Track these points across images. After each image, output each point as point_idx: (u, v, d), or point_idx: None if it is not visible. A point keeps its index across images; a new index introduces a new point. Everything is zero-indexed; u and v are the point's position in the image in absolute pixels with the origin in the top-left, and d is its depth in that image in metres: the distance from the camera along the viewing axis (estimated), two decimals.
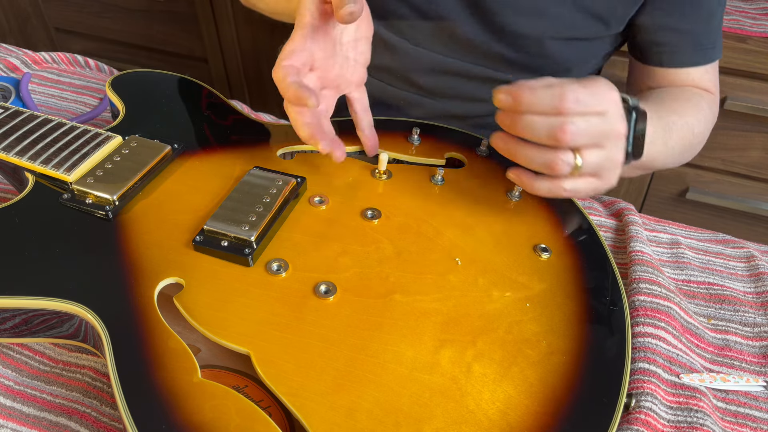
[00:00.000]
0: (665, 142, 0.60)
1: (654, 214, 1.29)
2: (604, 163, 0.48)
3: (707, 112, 0.68)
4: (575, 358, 0.43)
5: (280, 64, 0.48)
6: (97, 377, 0.47)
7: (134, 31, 1.59)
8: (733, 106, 1.08)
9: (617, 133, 0.48)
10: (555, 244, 0.51)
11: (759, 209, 1.21)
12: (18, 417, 0.45)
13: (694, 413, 0.45)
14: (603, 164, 0.48)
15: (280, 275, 0.46)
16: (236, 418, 0.37)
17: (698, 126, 0.66)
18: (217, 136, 0.59)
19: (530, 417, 0.39)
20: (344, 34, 0.54)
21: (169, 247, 0.47)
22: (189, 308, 0.43)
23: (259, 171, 0.53)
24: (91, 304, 0.43)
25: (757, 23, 1.04)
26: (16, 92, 0.74)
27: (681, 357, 0.49)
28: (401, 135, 0.60)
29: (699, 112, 0.66)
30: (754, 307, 0.54)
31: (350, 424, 0.38)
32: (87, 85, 0.80)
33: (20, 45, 1.75)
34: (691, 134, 0.65)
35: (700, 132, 0.67)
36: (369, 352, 0.42)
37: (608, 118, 0.47)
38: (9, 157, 0.52)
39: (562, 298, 0.47)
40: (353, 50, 0.55)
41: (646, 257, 0.56)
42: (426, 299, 0.45)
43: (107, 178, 0.51)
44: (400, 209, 0.52)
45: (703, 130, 0.67)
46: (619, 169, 0.50)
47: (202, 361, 0.45)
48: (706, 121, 0.68)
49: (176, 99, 0.64)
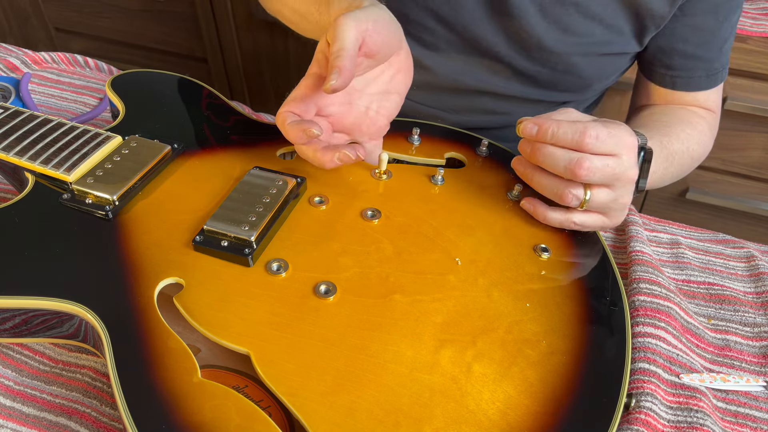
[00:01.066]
0: (666, 168, 0.62)
1: (654, 214, 1.29)
2: (611, 203, 0.50)
3: (707, 135, 0.69)
4: (575, 358, 0.43)
5: (280, 110, 0.50)
6: (97, 377, 0.47)
7: (134, 31, 1.59)
8: (733, 106, 1.08)
9: (628, 178, 0.49)
10: (555, 244, 0.51)
11: (759, 209, 1.21)
12: (18, 417, 0.45)
13: (694, 413, 0.45)
14: (610, 204, 0.50)
15: (280, 275, 0.46)
16: (236, 418, 0.37)
17: (698, 150, 0.67)
18: (217, 136, 0.59)
19: (530, 417, 0.39)
20: (371, 85, 0.54)
21: (169, 247, 0.47)
22: (189, 308, 0.43)
23: (259, 171, 0.53)
24: (91, 304, 0.43)
25: (757, 23, 1.04)
26: (16, 92, 0.74)
27: (681, 357, 0.49)
28: (401, 135, 0.60)
29: (700, 136, 0.67)
30: (754, 307, 0.54)
31: (350, 424, 0.38)
32: (87, 85, 0.80)
33: (20, 45, 1.75)
34: (690, 159, 0.66)
35: (699, 155, 0.68)
36: (369, 352, 0.42)
37: (623, 162, 0.48)
38: (9, 157, 0.52)
39: (562, 298, 0.47)
40: (377, 102, 0.55)
41: (646, 257, 0.56)
42: (426, 299, 0.45)
43: (107, 178, 0.51)
44: (400, 209, 0.52)
45: (702, 153, 0.68)
46: (626, 211, 0.52)
47: (202, 361, 0.45)
48: (705, 143, 0.69)
49: (176, 99, 0.64)
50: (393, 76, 0.55)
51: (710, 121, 0.70)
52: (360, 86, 0.54)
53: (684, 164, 0.65)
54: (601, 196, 0.49)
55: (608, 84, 0.74)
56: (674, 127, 0.65)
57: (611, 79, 0.73)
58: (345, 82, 0.46)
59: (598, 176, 0.48)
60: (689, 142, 0.65)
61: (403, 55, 0.54)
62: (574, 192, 0.49)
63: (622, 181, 0.49)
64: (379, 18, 0.49)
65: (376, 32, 0.49)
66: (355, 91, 0.54)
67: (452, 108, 0.74)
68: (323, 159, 0.49)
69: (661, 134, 0.62)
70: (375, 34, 0.49)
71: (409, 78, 0.56)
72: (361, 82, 0.54)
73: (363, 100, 0.55)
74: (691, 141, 0.65)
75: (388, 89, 0.55)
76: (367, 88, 0.54)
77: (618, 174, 0.48)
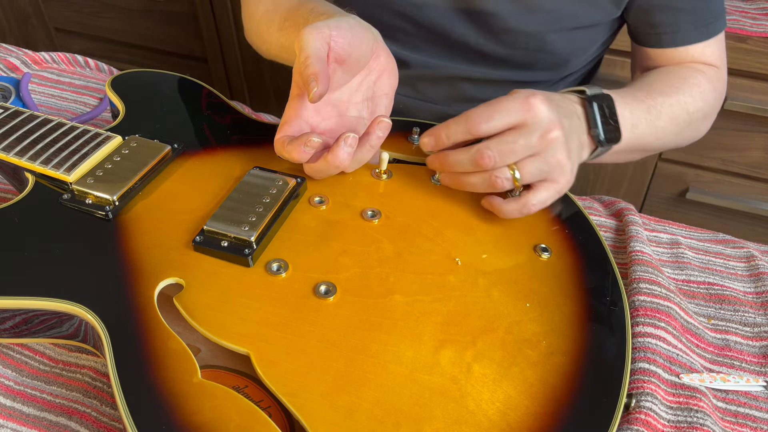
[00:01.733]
0: (652, 122, 0.60)
1: (654, 214, 1.29)
2: (544, 167, 0.49)
3: (706, 87, 0.66)
4: (575, 358, 0.43)
5: (276, 138, 0.51)
6: (97, 377, 0.47)
7: (134, 31, 1.59)
8: (733, 106, 1.08)
9: (547, 139, 0.48)
10: (555, 244, 0.51)
11: (759, 209, 1.21)
12: (18, 417, 0.45)
13: (694, 413, 0.45)
14: (545, 169, 0.49)
15: (280, 275, 0.46)
16: (236, 419, 0.37)
17: (694, 103, 0.64)
18: (217, 136, 0.59)
19: (530, 417, 0.39)
20: (356, 93, 0.56)
21: (169, 248, 0.47)
22: (189, 308, 0.43)
23: (259, 171, 0.53)
24: (91, 305, 0.43)
25: (757, 23, 1.04)
26: (16, 92, 0.74)
27: (681, 357, 0.49)
28: (401, 135, 0.60)
29: (693, 89, 0.64)
30: (754, 307, 0.54)
31: (350, 425, 0.38)
32: (87, 85, 0.80)
33: (20, 45, 1.75)
34: (686, 113, 0.64)
35: (699, 108, 0.65)
36: (369, 352, 0.42)
37: (529, 129, 0.48)
38: (9, 157, 0.52)
39: (562, 298, 0.47)
40: (367, 109, 0.56)
41: (646, 257, 0.56)
42: (426, 299, 0.45)
43: (107, 178, 0.51)
44: (400, 209, 0.52)
45: (703, 106, 0.66)
46: (568, 166, 0.50)
47: (202, 362, 0.45)
48: (705, 96, 0.66)
49: (176, 99, 0.64)
50: (376, 81, 0.56)
51: (710, 74, 0.67)
52: (346, 97, 0.55)
53: (679, 117, 0.63)
54: (530, 168, 0.49)
55: (589, 58, 0.73)
56: (657, 83, 0.64)
57: (591, 53, 0.72)
58: (324, 86, 0.47)
59: (509, 156, 0.48)
60: (680, 95, 0.63)
61: (383, 58, 0.55)
62: (499, 176, 0.49)
63: (542, 144, 0.48)
64: (341, 24, 0.50)
65: (340, 37, 0.50)
66: (342, 102, 0.55)
67: (436, 99, 0.74)
68: (339, 160, 0.50)
69: (638, 91, 0.61)
70: (339, 38, 0.50)
71: (394, 78, 0.56)
72: (346, 93, 0.55)
73: (352, 109, 0.56)
74: (683, 94, 0.63)
75: (374, 94, 0.56)
76: (353, 97, 0.56)
77: (530, 143, 0.48)
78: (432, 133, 0.51)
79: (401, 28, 0.69)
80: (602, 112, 0.54)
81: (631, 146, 0.60)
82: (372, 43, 0.54)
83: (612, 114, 0.54)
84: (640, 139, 0.60)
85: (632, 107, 0.59)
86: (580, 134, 0.53)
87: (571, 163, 0.51)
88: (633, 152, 0.64)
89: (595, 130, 0.54)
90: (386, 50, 0.56)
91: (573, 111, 0.53)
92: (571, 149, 0.50)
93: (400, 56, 0.71)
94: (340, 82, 0.54)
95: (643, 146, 0.63)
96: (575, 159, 0.52)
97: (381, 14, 0.68)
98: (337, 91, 0.55)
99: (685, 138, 0.67)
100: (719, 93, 0.68)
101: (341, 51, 0.50)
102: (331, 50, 0.49)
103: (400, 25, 0.69)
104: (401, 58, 0.71)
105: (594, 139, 0.55)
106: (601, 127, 0.54)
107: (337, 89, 0.54)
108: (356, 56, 0.52)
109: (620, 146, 0.57)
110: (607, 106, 0.54)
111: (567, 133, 0.50)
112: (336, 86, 0.54)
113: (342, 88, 0.55)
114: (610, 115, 0.54)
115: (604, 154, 0.58)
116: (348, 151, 0.49)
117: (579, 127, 0.53)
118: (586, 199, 0.66)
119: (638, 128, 0.59)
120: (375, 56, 0.55)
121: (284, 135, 0.51)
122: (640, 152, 0.66)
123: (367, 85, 0.56)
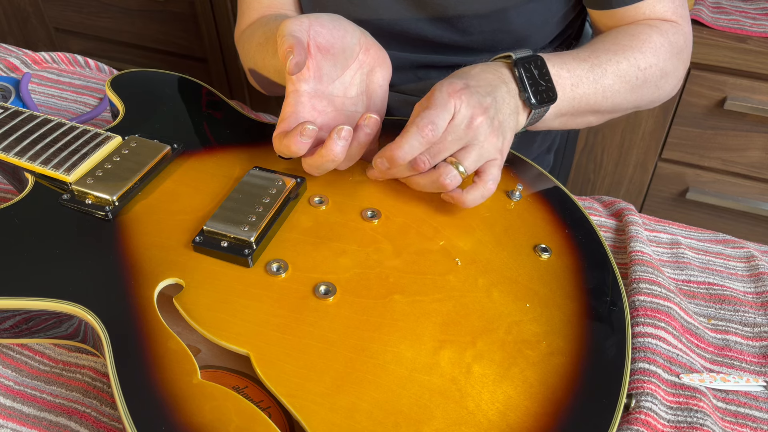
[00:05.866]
0: (596, 81, 0.59)
1: (654, 214, 1.29)
2: (482, 152, 0.50)
3: (658, 41, 0.63)
4: (575, 358, 0.43)
5: (274, 135, 0.51)
6: (97, 377, 0.47)
7: (134, 31, 1.59)
8: (733, 106, 1.08)
9: (474, 128, 0.48)
10: (555, 244, 0.51)
11: (759, 209, 1.21)
12: (18, 417, 0.45)
13: (694, 413, 0.45)
14: (483, 153, 0.50)
15: (279, 276, 0.46)
16: (236, 419, 0.37)
17: (645, 59, 0.63)
18: (217, 136, 0.59)
19: (530, 418, 0.39)
20: (349, 88, 0.56)
21: (168, 248, 0.47)
22: (189, 309, 0.43)
23: (259, 171, 0.53)
24: (91, 305, 0.43)
25: (757, 23, 1.04)
26: (16, 92, 0.74)
27: (681, 357, 0.49)
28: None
29: (644, 44, 0.63)
30: (754, 307, 0.54)
31: (350, 425, 0.38)
32: (87, 85, 0.80)
33: (20, 45, 1.75)
34: (636, 68, 0.62)
35: (653, 64, 0.63)
36: (368, 352, 0.42)
37: (453, 125, 0.48)
38: (9, 158, 0.52)
39: (562, 299, 0.47)
40: (362, 102, 0.57)
41: (646, 257, 0.56)
42: (426, 300, 0.45)
43: (107, 178, 0.51)
44: (400, 209, 0.52)
45: (656, 62, 0.63)
46: (500, 140, 0.51)
47: (202, 362, 0.45)
48: (657, 51, 0.63)
49: (176, 99, 0.64)
50: (369, 74, 0.56)
51: (665, 29, 0.64)
52: (340, 92, 0.56)
53: (629, 74, 0.61)
54: (470, 158, 0.49)
55: (548, 35, 0.72)
56: (604, 42, 0.63)
57: (549, 29, 0.71)
58: (301, 56, 0.48)
59: (437, 155, 0.49)
60: (628, 52, 0.61)
61: (373, 51, 0.56)
62: (448, 175, 0.49)
63: (469, 133, 0.49)
64: (321, 16, 0.52)
65: (319, 26, 0.51)
66: (337, 98, 0.55)
67: (405, 88, 0.74)
68: (333, 154, 0.49)
69: (581, 51, 0.61)
70: (319, 27, 0.51)
71: (387, 70, 0.57)
72: (340, 88, 0.56)
73: (348, 104, 0.56)
74: (632, 50, 0.62)
75: (369, 87, 0.57)
76: (348, 91, 0.56)
77: (455, 137, 0.48)
78: (384, 156, 0.50)
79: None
80: (530, 74, 0.54)
81: (576, 107, 0.59)
82: (359, 36, 0.55)
83: (543, 75, 0.54)
84: (585, 98, 0.59)
85: (571, 66, 0.58)
86: (510, 100, 0.53)
87: (503, 134, 0.51)
88: (585, 114, 0.62)
89: (525, 93, 0.54)
90: (376, 44, 0.56)
91: (499, 80, 0.53)
92: (502, 122, 0.51)
93: None
94: (332, 76, 0.54)
95: (592, 106, 0.61)
96: (509, 127, 0.52)
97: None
98: (330, 86, 0.55)
99: (644, 97, 0.65)
100: (677, 48, 0.65)
101: (323, 40, 0.51)
102: (311, 39, 0.51)
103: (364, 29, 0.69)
104: None
105: (525, 102, 0.54)
106: (529, 89, 0.54)
107: (329, 84, 0.54)
108: (340, 46, 0.53)
109: (562, 107, 0.57)
110: (535, 67, 0.54)
111: (492, 111, 0.50)
112: (328, 80, 0.54)
113: (335, 82, 0.55)
114: (540, 75, 0.54)
115: (550, 119, 0.58)
116: (342, 144, 0.48)
117: (508, 93, 0.53)
118: (586, 199, 0.66)
119: (579, 87, 0.58)
120: (365, 50, 0.55)
121: (282, 131, 0.51)
122: (593, 114, 0.63)
123: (360, 79, 0.56)
